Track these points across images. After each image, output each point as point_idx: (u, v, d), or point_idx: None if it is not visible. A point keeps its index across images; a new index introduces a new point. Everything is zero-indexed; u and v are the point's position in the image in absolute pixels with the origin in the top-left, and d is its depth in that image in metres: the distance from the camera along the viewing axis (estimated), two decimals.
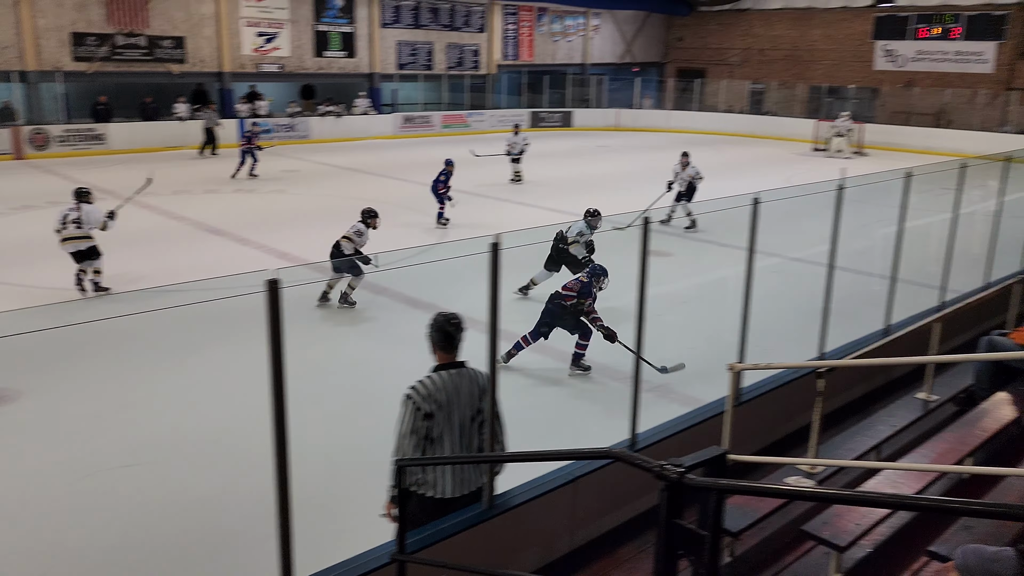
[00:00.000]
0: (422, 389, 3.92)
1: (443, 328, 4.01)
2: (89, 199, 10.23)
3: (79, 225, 9.97)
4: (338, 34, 27.36)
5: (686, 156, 15.49)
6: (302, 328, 8.84)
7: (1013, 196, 10.00)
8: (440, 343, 4.03)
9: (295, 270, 9.47)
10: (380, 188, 18.34)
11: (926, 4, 29.60)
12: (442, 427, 3.96)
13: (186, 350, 8.23)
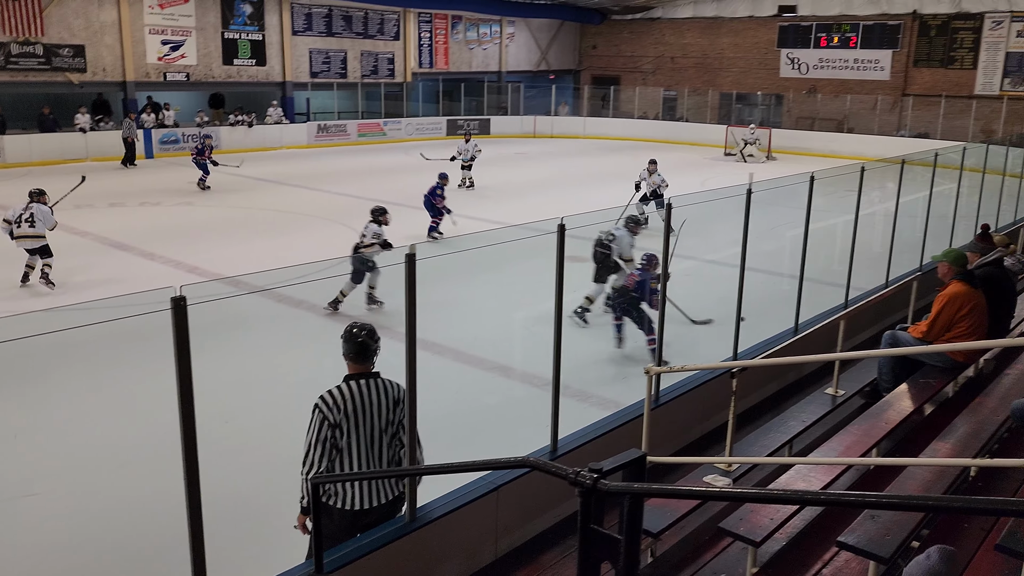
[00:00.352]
0: (329, 399, 3.89)
1: (353, 338, 3.98)
2: (43, 199, 10.77)
3: (32, 224, 10.53)
4: (247, 42, 26.78)
5: (653, 164, 16.12)
6: (222, 342, 8.59)
7: (909, 197, 10.47)
8: (350, 353, 4.00)
9: (205, 285, 9.19)
10: (294, 199, 18.01)
11: (826, 14, 30.82)
12: (350, 437, 3.91)
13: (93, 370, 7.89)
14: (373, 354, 4.02)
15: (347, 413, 3.87)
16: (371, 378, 3.99)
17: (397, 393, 4.00)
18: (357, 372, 3.99)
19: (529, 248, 6.28)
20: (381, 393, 3.96)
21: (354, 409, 3.89)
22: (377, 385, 3.98)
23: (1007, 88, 27.46)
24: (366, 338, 4.01)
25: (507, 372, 8.41)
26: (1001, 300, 6.74)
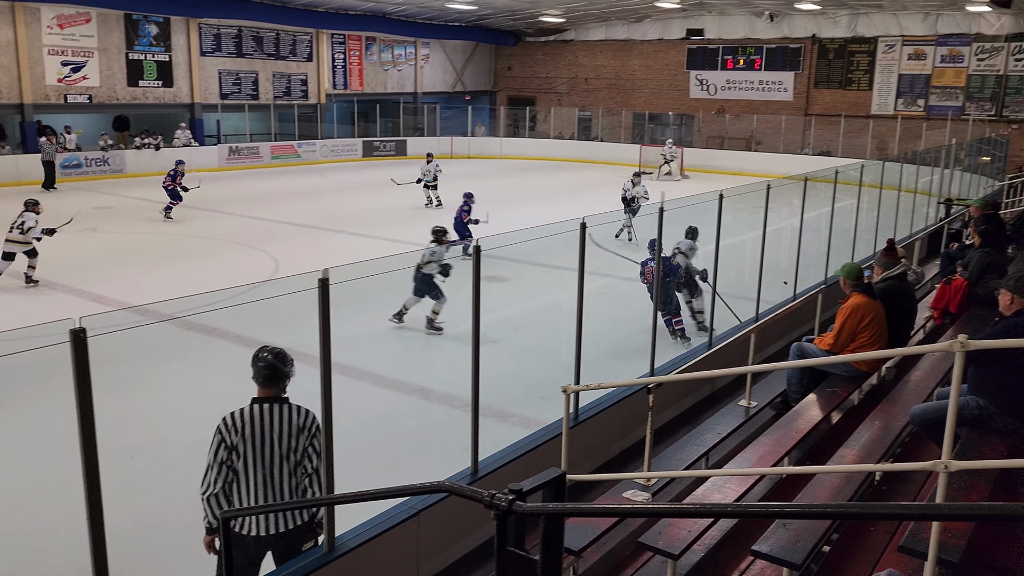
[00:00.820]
0: (229, 420, 3.85)
1: (259, 362, 3.94)
2: (36, 209, 12.09)
3: (22, 231, 11.80)
4: (153, 62, 26.03)
5: (638, 176, 17.85)
6: (128, 374, 8.26)
7: (813, 213, 10.89)
8: (258, 377, 3.95)
9: (109, 315, 8.85)
10: (205, 223, 17.53)
11: (731, 37, 31.91)
12: (246, 460, 3.84)
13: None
14: (282, 379, 3.94)
15: (245, 436, 3.82)
16: (277, 403, 3.91)
17: (302, 420, 3.91)
18: (264, 396, 3.93)
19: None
20: (284, 419, 3.88)
21: (252, 432, 3.83)
22: (281, 410, 3.90)
23: (900, 108, 28.92)
24: (273, 362, 3.94)
25: (426, 395, 8.35)
26: (905, 312, 7.05)
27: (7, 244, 11.80)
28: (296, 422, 3.88)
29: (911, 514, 2.29)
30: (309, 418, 3.92)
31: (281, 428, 3.86)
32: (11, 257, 11.81)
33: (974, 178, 20.79)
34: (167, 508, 5.93)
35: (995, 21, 26.41)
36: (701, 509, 2.57)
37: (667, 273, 9.40)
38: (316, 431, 3.92)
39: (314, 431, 3.91)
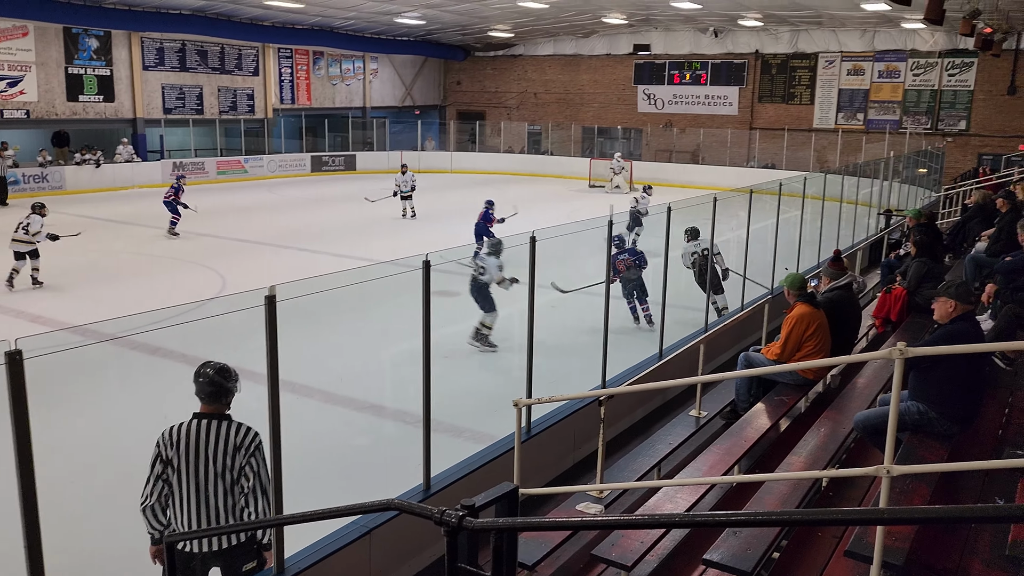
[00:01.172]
0: (167, 434, 3.84)
1: (200, 377, 3.90)
2: (42, 212, 12.92)
3: (27, 232, 12.58)
4: (94, 77, 25.45)
5: (649, 190, 18.93)
6: (69, 395, 8.03)
7: (758, 224, 11.09)
8: (199, 392, 3.91)
9: (47, 336, 8.59)
10: (148, 240, 17.16)
11: (677, 53, 32.44)
12: (180, 475, 3.82)
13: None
14: (224, 395, 3.89)
15: (180, 451, 3.80)
16: (216, 419, 3.85)
17: (241, 439, 3.84)
18: (205, 412, 3.90)
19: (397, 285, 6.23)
20: (220, 436, 3.82)
21: (187, 448, 3.81)
22: (219, 427, 3.83)
23: (841, 122, 29.69)
24: (215, 377, 3.89)
25: (378, 411, 8.27)
26: (851, 321, 7.21)
27: (14, 244, 12.72)
28: (233, 440, 3.81)
29: (854, 519, 2.34)
30: (248, 436, 3.84)
31: (217, 445, 3.80)
32: (22, 257, 12.75)
33: (912, 189, 21.42)
34: (110, 532, 5.76)
35: (929, 38, 27.33)
36: (653, 520, 2.59)
37: (639, 264, 10.64)
38: (255, 449, 3.84)
39: (252, 449, 3.83)
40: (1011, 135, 26.39)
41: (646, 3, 25.24)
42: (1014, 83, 26.31)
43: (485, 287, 9.87)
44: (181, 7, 25.13)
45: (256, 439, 3.85)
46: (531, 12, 26.94)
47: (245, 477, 3.81)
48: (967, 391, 4.56)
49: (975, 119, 27.27)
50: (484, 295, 9.88)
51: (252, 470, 3.81)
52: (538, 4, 25.00)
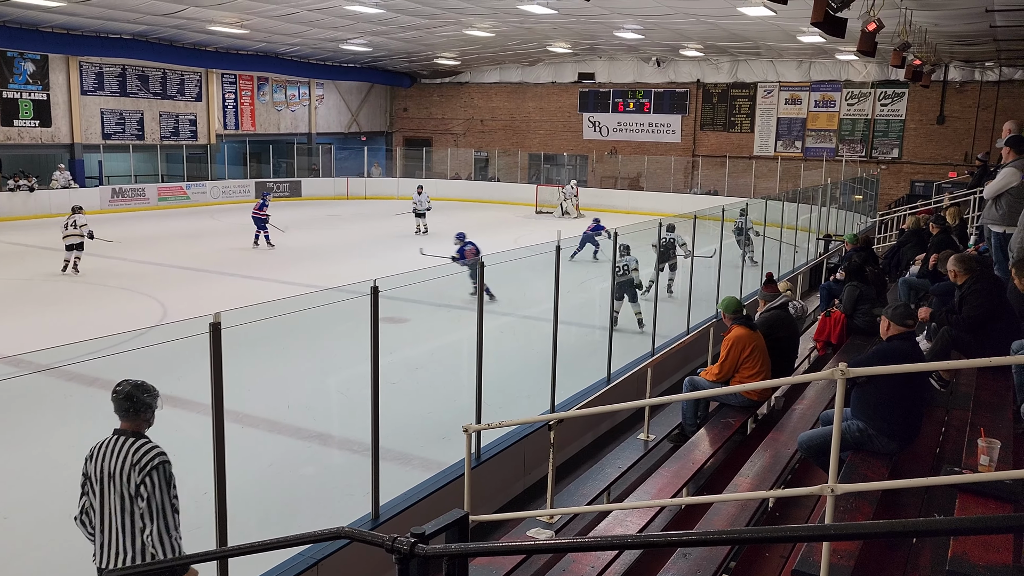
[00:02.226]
0: (93, 448, 3.85)
1: (115, 393, 3.87)
2: (82, 211, 16.50)
3: (76, 227, 15.94)
4: (29, 101, 24.82)
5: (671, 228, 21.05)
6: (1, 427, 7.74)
7: (702, 249, 11.31)
8: (115, 408, 3.87)
9: None
10: (85, 267, 16.69)
11: (621, 81, 33.02)
12: (92, 489, 3.82)
13: None
14: (138, 411, 3.79)
15: (95, 465, 3.80)
16: (127, 436, 3.78)
17: (139, 458, 3.72)
18: (121, 428, 3.85)
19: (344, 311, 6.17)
20: (123, 453, 3.74)
21: (99, 463, 3.79)
22: (124, 444, 3.74)
23: (780, 149, 30.50)
24: (130, 391, 3.82)
25: (325, 440, 8.14)
26: (788, 341, 7.37)
27: (67, 238, 15.83)
28: (131, 459, 3.71)
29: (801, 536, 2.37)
30: (148, 456, 3.72)
31: (119, 462, 3.74)
32: (79, 247, 15.93)
33: (849, 215, 22.07)
34: (46, 569, 5.55)
35: (862, 69, 28.32)
36: (603, 542, 2.59)
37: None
38: (151, 470, 3.69)
39: (148, 469, 3.70)
40: (941, 162, 27.41)
41: (590, 32, 25.68)
42: (943, 113, 27.38)
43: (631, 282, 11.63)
44: (121, 32, 24.71)
45: (155, 460, 3.72)
46: (477, 40, 27.19)
47: (140, 497, 3.69)
48: (904, 409, 4.68)
49: (907, 147, 28.28)
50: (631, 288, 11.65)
51: (146, 491, 3.68)
52: (484, 33, 25.25)
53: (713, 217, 12.32)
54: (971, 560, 3.07)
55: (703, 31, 23.66)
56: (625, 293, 11.65)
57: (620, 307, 11.31)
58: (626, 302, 11.67)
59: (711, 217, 12.82)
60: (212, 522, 4.33)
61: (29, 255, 18.13)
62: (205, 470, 4.37)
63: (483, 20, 23.22)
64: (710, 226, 13.21)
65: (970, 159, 25.16)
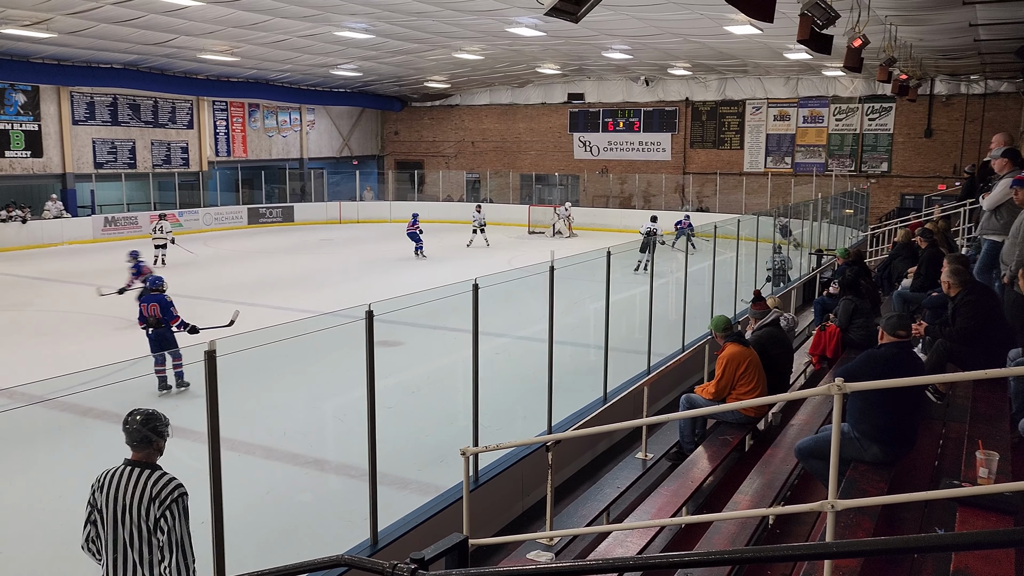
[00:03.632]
0: (99, 477, 3.81)
1: (127, 424, 3.83)
2: (167, 217, 21.98)
3: (162, 231, 20.81)
4: (21, 132, 24.86)
5: (654, 220, 22.94)
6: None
7: (696, 266, 11.33)
8: (127, 440, 3.83)
9: None
10: (79, 298, 16.66)
11: (610, 101, 33.24)
12: (103, 519, 3.76)
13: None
14: (146, 442, 3.78)
15: (106, 495, 3.75)
16: (140, 467, 3.75)
17: (158, 491, 3.71)
18: (133, 459, 3.82)
19: (339, 336, 6.15)
20: (139, 485, 3.71)
21: (110, 493, 3.75)
22: (140, 476, 3.71)
23: (770, 165, 30.68)
24: (141, 424, 3.79)
25: (322, 466, 8.10)
26: (782, 356, 7.38)
27: (155, 239, 20.78)
28: (150, 491, 3.68)
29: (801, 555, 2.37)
30: (167, 488, 3.70)
31: (135, 494, 3.70)
32: (164, 247, 20.71)
33: (841, 229, 22.17)
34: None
35: (849, 84, 28.57)
36: (604, 564, 2.57)
37: None
38: (171, 503, 3.69)
39: (168, 502, 3.68)
40: (930, 175, 27.60)
41: (579, 53, 25.87)
42: (930, 126, 27.61)
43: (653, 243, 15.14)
44: (112, 61, 24.80)
45: (175, 492, 3.71)
46: (466, 63, 27.36)
47: (160, 530, 3.67)
48: (895, 415, 4.67)
49: (896, 161, 28.47)
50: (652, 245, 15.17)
51: (167, 524, 3.67)
52: (473, 55, 25.42)
53: (705, 234, 12.35)
54: (973, 573, 3.06)
55: (690, 50, 23.86)
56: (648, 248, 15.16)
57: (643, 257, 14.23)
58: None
59: (703, 234, 12.86)
60: (209, 551, 4.29)
61: (21, 285, 18.08)
62: (202, 498, 4.34)
63: (472, 43, 23.38)
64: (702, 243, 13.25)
65: (958, 171, 25.35)
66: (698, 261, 12.17)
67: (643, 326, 10.08)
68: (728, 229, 13.85)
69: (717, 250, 11.92)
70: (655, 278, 10.54)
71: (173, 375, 9.72)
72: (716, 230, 12.10)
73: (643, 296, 10.98)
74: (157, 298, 9.95)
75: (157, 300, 9.91)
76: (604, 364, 8.84)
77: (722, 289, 12.02)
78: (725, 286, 12.31)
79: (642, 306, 10.66)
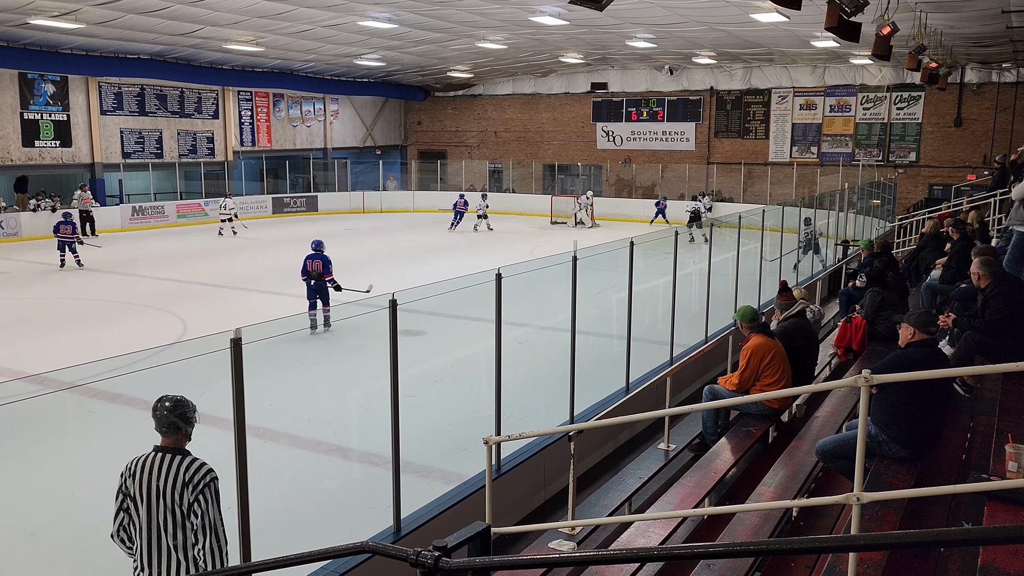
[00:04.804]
0: (129, 465, 3.85)
1: (157, 411, 3.88)
2: (229, 196, 26.17)
3: (226, 208, 25.12)
4: (50, 122, 25.17)
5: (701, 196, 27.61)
6: (29, 446, 7.81)
7: (720, 257, 11.25)
8: (157, 426, 3.89)
9: (5, 386, 8.38)
10: (107, 286, 16.89)
11: (634, 91, 33.04)
12: (137, 506, 3.80)
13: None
14: (175, 428, 3.84)
15: (138, 482, 3.80)
16: (172, 453, 3.81)
17: (190, 476, 3.78)
18: (163, 445, 3.87)
19: (363, 325, 6.19)
20: (172, 471, 3.77)
21: (143, 480, 3.80)
22: (172, 462, 3.77)
23: (795, 155, 30.38)
24: (171, 410, 3.86)
25: (345, 454, 8.16)
26: (807, 348, 7.31)
27: (222, 214, 25.39)
28: (183, 476, 3.75)
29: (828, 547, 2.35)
30: (199, 473, 3.77)
31: (167, 480, 3.76)
32: (230, 220, 25.19)
33: (868, 220, 21.92)
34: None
35: (877, 73, 28.18)
36: (627, 554, 2.58)
37: None
38: (203, 487, 3.76)
39: (201, 487, 3.75)
40: (959, 165, 27.19)
41: (602, 42, 25.72)
42: (960, 115, 27.18)
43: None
44: (139, 52, 25.04)
45: (207, 477, 3.77)
46: (490, 53, 27.30)
47: (193, 513, 3.74)
48: (920, 418, 4.63)
49: (924, 151, 28.07)
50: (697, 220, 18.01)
51: (200, 508, 3.74)
52: (496, 45, 25.36)
53: (730, 224, 12.27)
54: (1001, 568, 3.03)
55: (716, 38, 23.64)
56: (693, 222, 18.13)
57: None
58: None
59: (728, 224, 12.76)
60: (235, 537, 4.35)
61: (52, 275, 18.35)
62: (228, 485, 4.39)
63: (495, 33, 23.32)
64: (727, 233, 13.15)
65: (988, 161, 24.94)
66: (722, 252, 12.08)
67: (666, 316, 10.04)
68: (753, 220, 13.74)
69: (742, 240, 11.83)
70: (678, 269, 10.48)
71: (322, 319, 12.26)
72: (740, 220, 12.01)
73: (666, 286, 10.94)
74: (320, 256, 12.46)
75: (320, 258, 12.44)
76: (627, 354, 8.82)
77: (746, 280, 11.93)
78: (749, 277, 12.22)
79: (665, 296, 10.62)
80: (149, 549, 3.79)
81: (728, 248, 12.17)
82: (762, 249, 13.09)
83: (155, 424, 3.89)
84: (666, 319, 10.02)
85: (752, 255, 12.88)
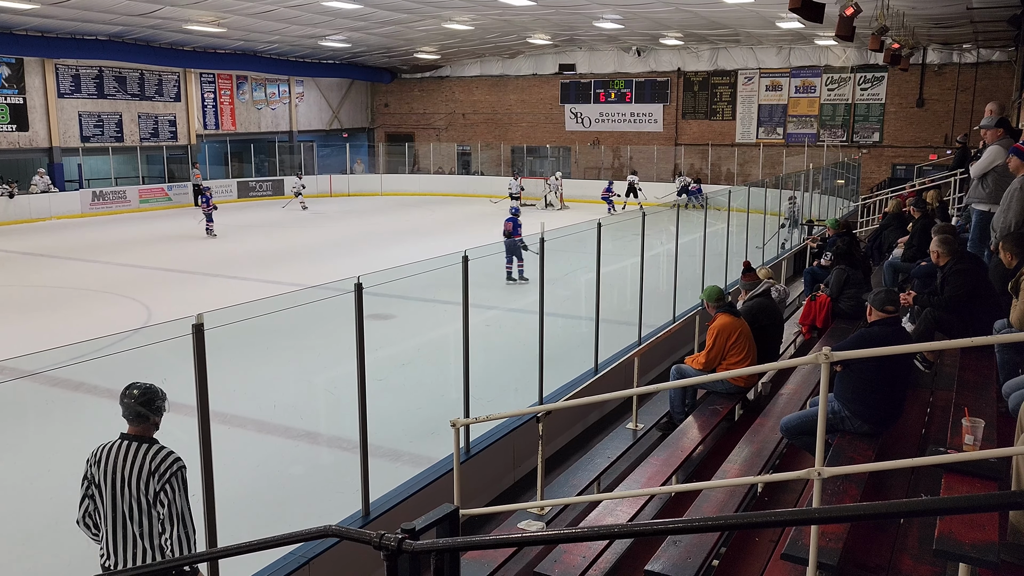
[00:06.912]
0: (94, 452, 3.81)
1: (124, 398, 3.82)
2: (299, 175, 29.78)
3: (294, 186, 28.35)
4: (6, 106, 24.54)
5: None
6: None
7: (687, 238, 11.32)
8: (124, 413, 3.82)
9: None
10: (67, 272, 16.58)
11: (602, 72, 33.01)
12: (102, 494, 3.77)
13: None
14: (142, 417, 3.77)
15: (103, 469, 3.76)
16: (139, 442, 3.75)
17: (157, 464, 3.73)
18: (130, 433, 3.81)
19: (328, 309, 6.14)
20: (137, 459, 3.72)
21: (107, 467, 3.75)
22: (138, 450, 3.72)
23: (762, 136, 30.59)
24: (138, 399, 3.79)
25: (313, 438, 8.12)
26: (771, 327, 7.39)
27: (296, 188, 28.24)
28: (149, 465, 3.70)
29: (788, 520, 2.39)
30: (166, 462, 3.72)
31: (133, 468, 3.71)
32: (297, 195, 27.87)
33: (832, 200, 22.17)
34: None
35: (841, 54, 28.43)
36: (592, 532, 2.60)
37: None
38: (170, 476, 3.71)
39: (167, 476, 3.70)
40: (922, 145, 27.57)
41: (569, 23, 25.64)
42: (922, 96, 27.54)
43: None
44: (97, 33, 24.47)
45: (174, 466, 3.72)
46: (456, 34, 27.10)
47: (160, 503, 3.69)
48: (883, 394, 4.71)
49: (888, 131, 28.42)
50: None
51: (167, 497, 3.69)
52: (463, 26, 25.17)
53: (697, 206, 12.33)
54: (958, 539, 3.10)
55: (682, 19, 23.67)
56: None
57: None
58: None
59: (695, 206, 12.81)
60: (201, 524, 4.31)
61: (10, 261, 17.97)
62: (193, 472, 4.34)
63: (462, 13, 23.13)
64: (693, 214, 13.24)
65: (950, 141, 25.32)
66: (689, 232, 12.15)
67: (634, 297, 10.09)
68: (719, 200, 13.84)
69: (708, 221, 11.91)
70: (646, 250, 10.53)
71: (517, 271, 15.11)
72: (707, 201, 12.10)
73: (634, 267, 10.99)
74: (512, 219, 15.31)
75: (511, 220, 15.29)
76: (595, 335, 8.86)
77: (713, 260, 12.03)
78: (716, 258, 12.32)
79: (633, 277, 10.67)
80: (114, 536, 3.76)
81: (696, 229, 12.24)
82: (728, 230, 13.19)
83: (123, 411, 3.83)
84: (634, 300, 10.07)
85: (719, 236, 12.98)
